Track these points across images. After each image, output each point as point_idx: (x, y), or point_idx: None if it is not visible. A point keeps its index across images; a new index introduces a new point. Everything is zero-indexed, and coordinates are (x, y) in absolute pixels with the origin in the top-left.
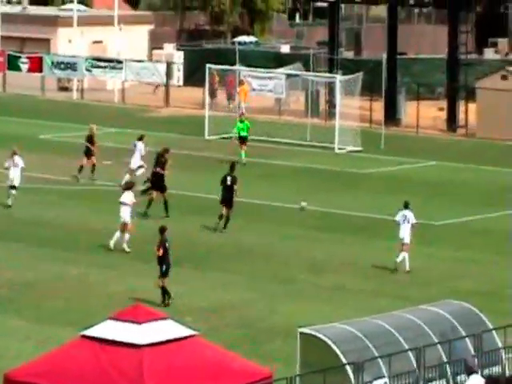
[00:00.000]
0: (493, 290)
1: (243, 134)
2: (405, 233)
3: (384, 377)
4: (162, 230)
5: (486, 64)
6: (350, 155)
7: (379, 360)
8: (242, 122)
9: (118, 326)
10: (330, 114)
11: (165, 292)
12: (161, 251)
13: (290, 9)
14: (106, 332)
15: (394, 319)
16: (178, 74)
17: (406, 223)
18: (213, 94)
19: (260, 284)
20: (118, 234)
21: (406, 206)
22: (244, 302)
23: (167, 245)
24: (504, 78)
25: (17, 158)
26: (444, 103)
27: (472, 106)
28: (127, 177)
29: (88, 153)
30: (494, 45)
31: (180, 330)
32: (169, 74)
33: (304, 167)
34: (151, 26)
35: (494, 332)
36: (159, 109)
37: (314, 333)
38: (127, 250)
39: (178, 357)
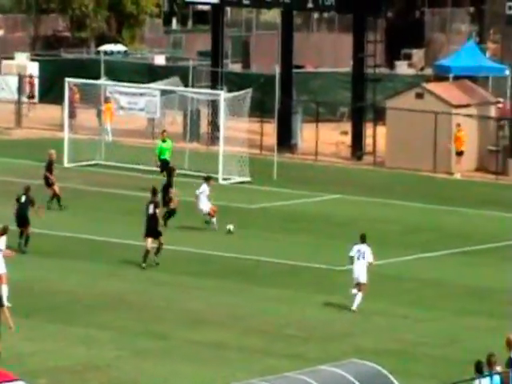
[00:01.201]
0: (403, 348)
1: (167, 155)
2: (360, 271)
3: None
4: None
5: (398, 80)
6: (237, 187)
7: None
8: (164, 141)
9: None
10: (213, 138)
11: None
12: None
13: (165, 13)
14: None
15: (287, 382)
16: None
17: (361, 259)
18: (73, 113)
19: (128, 340)
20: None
21: (363, 240)
22: (110, 362)
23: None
24: (419, 96)
25: None
26: (348, 126)
27: (381, 130)
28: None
29: (48, 182)
30: (408, 57)
31: None
32: (21, 89)
33: (181, 201)
34: (0, 32)
35: None
36: (9, 130)
37: None
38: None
39: None
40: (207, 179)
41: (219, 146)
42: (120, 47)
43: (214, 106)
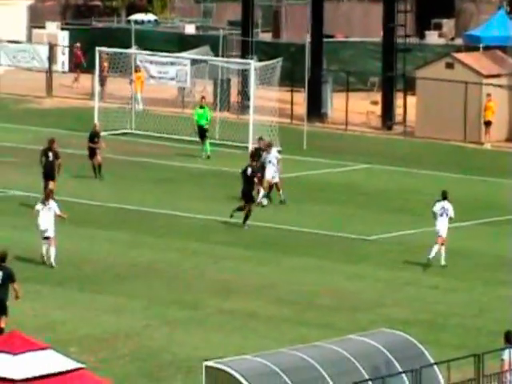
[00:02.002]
0: (433, 318)
1: (203, 122)
2: (441, 226)
3: None
4: None
5: (429, 50)
6: None
7: None
8: (202, 107)
9: None
10: (243, 107)
11: None
12: None
13: None
14: None
15: (316, 351)
16: (63, 59)
17: (444, 216)
18: (103, 82)
19: (159, 309)
20: None
21: (445, 197)
22: (140, 331)
23: None
24: (449, 66)
25: None
26: (378, 96)
27: (411, 100)
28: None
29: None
30: (438, 27)
31: (63, 363)
32: (51, 59)
33: (211, 170)
34: (31, 1)
35: (435, 367)
36: (40, 99)
37: (222, 367)
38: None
39: None
40: (269, 145)
41: (249, 115)
42: (150, 16)
43: (244, 75)
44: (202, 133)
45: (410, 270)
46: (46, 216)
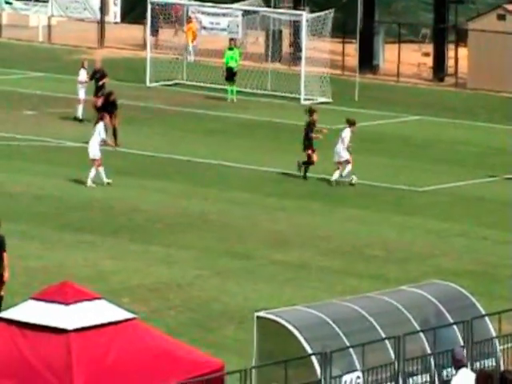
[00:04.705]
0: (484, 269)
1: (232, 64)
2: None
3: (356, 370)
4: None
5: (481, 1)
6: (319, 107)
7: (351, 350)
8: (231, 49)
9: (42, 306)
10: (295, 58)
11: None
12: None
13: None
14: (27, 314)
15: (367, 302)
16: (115, 9)
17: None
18: (155, 33)
19: (210, 260)
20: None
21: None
22: (191, 281)
23: None
24: (501, 17)
25: None
26: (430, 47)
27: (463, 51)
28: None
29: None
30: None
31: (115, 313)
32: (103, 9)
33: (263, 121)
34: None
35: (486, 318)
36: (92, 50)
37: (273, 317)
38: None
39: (112, 344)
40: (351, 123)
41: (301, 66)
42: None
43: (295, 26)
44: (231, 75)
45: (461, 221)
46: (93, 139)
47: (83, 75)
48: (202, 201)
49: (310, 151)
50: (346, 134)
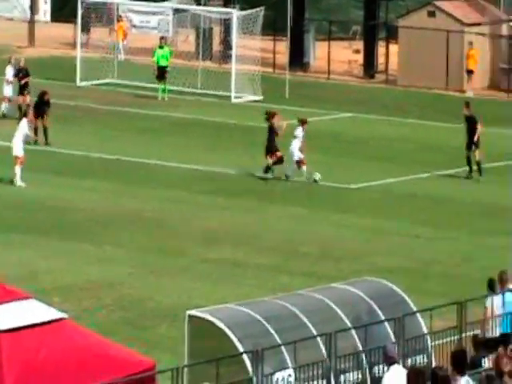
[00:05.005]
0: (417, 266)
1: (163, 62)
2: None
3: (288, 367)
4: None
5: None
6: (250, 105)
7: (282, 348)
8: (161, 47)
9: None
10: (226, 56)
11: None
12: None
13: None
14: None
15: (300, 300)
16: (45, 8)
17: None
18: (86, 32)
19: (143, 258)
20: None
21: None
22: (124, 280)
23: None
24: (431, 14)
25: None
26: (360, 44)
27: (393, 48)
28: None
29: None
30: None
31: (46, 313)
32: (33, 8)
33: (194, 119)
34: None
35: (418, 315)
36: (22, 49)
37: (205, 316)
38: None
39: (43, 344)
40: (303, 122)
41: (232, 64)
42: None
43: (226, 24)
44: (162, 74)
45: (394, 218)
46: (17, 136)
47: (10, 73)
48: (134, 199)
49: (271, 155)
50: (299, 132)
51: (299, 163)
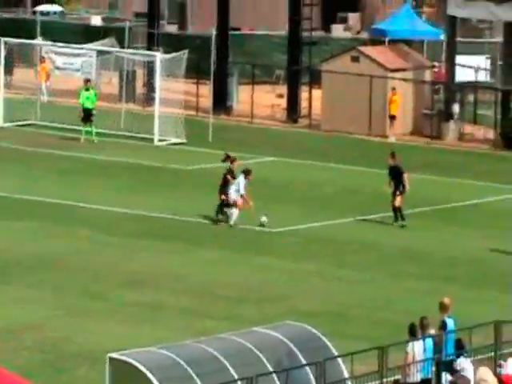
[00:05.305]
0: (338, 309)
1: (89, 104)
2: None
3: None
4: None
5: (334, 43)
6: (173, 148)
7: None
8: (87, 89)
9: None
10: (149, 99)
11: None
12: None
13: None
14: None
15: (221, 343)
16: None
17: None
18: (10, 73)
19: (66, 300)
20: None
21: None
22: (46, 321)
23: None
24: (355, 59)
25: None
26: (284, 89)
27: (317, 93)
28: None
29: None
30: (344, 20)
31: None
32: None
33: (117, 162)
34: None
35: (339, 359)
36: None
37: (125, 358)
38: None
39: None
40: (246, 172)
41: (155, 106)
42: (56, 7)
43: (149, 67)
44: (88, 116)
45: (316, 261)
46: None
47: None
48: (57, 241)
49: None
50: (241, 180)
51: (233, 204)
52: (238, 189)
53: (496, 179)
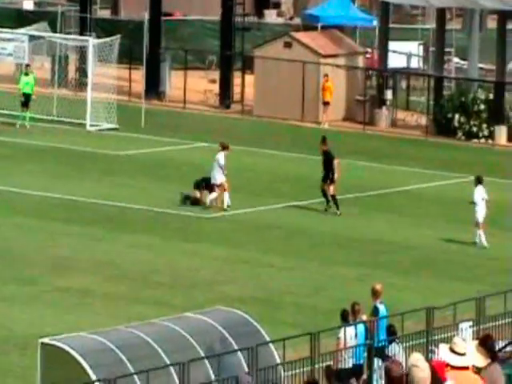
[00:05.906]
0: (269, 296)
1: (28, 89)
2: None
3: None
4: None
5: (267, 29)
6: (105, 134)
7: (135, 376)
8: (27, 74)
9: None
10: (81, 84)
11: None
12: None
13: None
14: None
15: (152, 329)
16: None
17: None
18: None
19: None
20: None
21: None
22: None
23: None
24: (287, 45)
25: None
26: (216, 74)
27: (249, 78)
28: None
29: None
30: (277, 6)
31: None
32: None
33: (49, 147)
34: None
35: (271, 345)
36: None
37: (57, 344)
38: None
39: None
40: (225, 147)
41: (87, 92)
42: None
43: (82, 52)
44: (28, 101)
45: (247, 248)
46: None
47: None
48: None
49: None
50: (221, 157)
51: (220, 188)
52: (220, 165)
53: (428, 165)
